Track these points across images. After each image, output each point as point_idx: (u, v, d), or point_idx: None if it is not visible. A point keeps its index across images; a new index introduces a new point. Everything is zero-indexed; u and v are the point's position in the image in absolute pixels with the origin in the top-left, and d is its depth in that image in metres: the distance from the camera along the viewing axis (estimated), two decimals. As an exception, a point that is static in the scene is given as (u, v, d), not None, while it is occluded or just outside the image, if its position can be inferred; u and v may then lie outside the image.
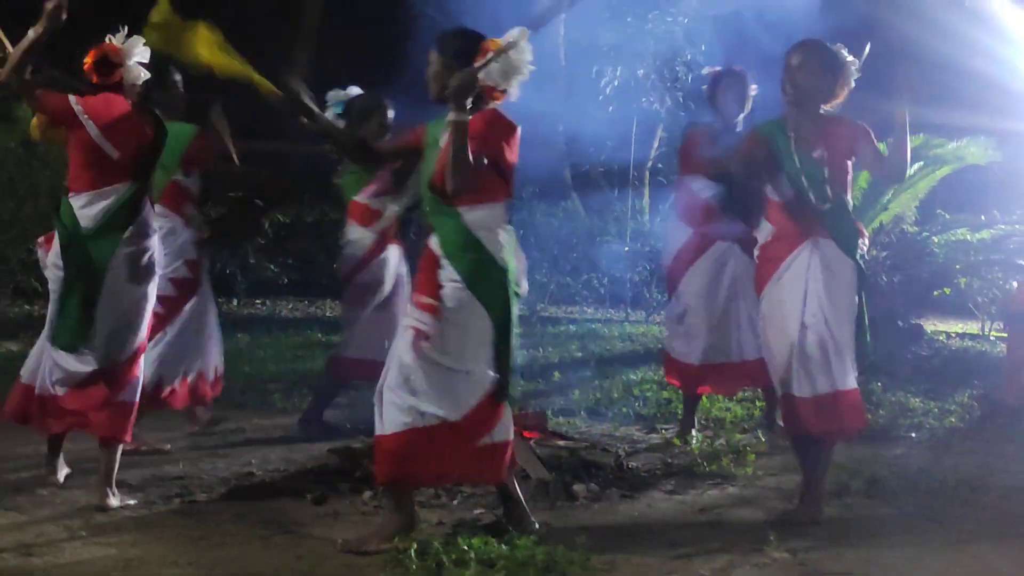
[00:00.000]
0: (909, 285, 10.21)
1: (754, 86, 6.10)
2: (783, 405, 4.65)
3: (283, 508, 4.62)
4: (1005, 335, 8.29)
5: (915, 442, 6.32)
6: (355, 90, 6.18)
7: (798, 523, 4.47)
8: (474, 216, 4.04)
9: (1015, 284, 9.43)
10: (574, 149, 12.30)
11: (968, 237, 10.49)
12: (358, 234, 5.99)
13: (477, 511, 4.50)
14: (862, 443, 5.94)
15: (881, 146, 4.72)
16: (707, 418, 6.56)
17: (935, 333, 10.96)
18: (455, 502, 4.66)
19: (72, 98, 4.59)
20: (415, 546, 3.85)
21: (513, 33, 4.03)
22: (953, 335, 11.20)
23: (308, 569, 3.75)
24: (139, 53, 4.67)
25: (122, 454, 4.65)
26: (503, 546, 3.87)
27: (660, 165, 11.43)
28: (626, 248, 10.89)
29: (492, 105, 4.10)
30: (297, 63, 4.26)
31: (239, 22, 5.75)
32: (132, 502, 4.58)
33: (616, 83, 10.42)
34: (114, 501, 4.50)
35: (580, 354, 9.53)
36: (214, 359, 5.92)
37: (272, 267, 14.06)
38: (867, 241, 4.72)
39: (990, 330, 11.40)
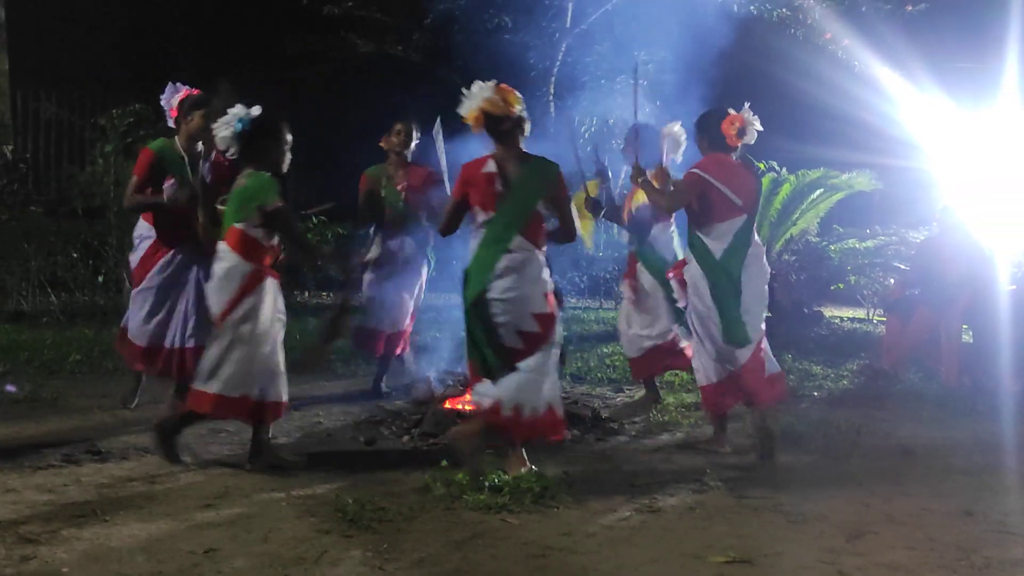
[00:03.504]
0: (812, 282, 10.26)
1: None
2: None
3: (343, 449, 4.66)
4: (884, 319, 8.30)
5: (816, 399, 6.34)
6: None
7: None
8: None
9: (892, 281, 9.46)
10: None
11: (857, 245, 10.52)
12: None
13: (487, 451, 4.51)
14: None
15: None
16: (659, 381, 6.55)
17: (832, 318, 10.96)
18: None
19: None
20: (441, 477, 3.88)
21: None
22: (845, 319, 11.20)
23: (359, 494, 3.77)
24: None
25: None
26: (508, 476, 3.90)
27: (624, 191, 11.45)
28: (600, 253, 10.84)
29: None
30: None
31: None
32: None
33: (593, 129, 10.48)
34: None
35: (565, 333, 9.45)
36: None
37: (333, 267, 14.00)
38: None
39: (873, 315, 11.42)
